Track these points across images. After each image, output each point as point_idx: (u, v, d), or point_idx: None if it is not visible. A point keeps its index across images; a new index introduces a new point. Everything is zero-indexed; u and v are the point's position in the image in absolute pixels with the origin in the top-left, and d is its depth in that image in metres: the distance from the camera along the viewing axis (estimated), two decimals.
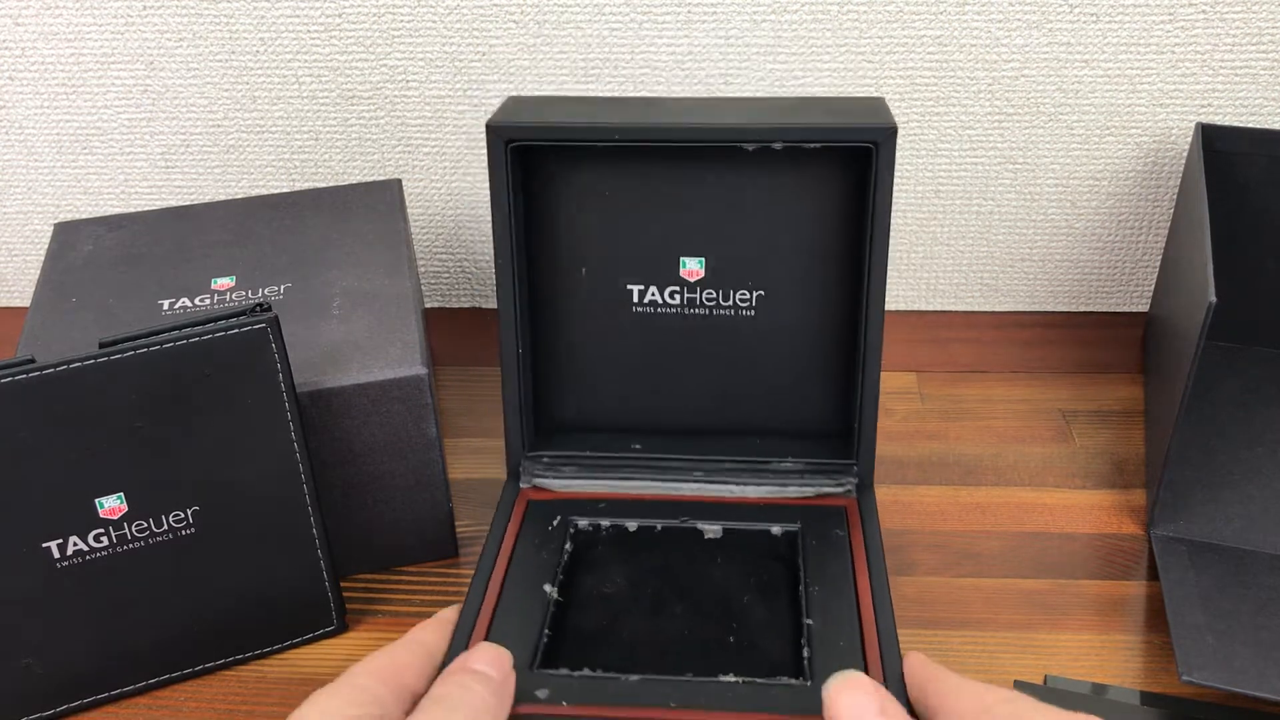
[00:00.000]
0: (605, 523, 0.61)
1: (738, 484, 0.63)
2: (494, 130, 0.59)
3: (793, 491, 0.63)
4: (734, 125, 0.59)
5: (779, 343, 0.65)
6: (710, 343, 0.65)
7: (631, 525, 0.61)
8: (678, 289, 0.64)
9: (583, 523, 0.61)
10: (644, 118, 0.60)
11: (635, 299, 0.65)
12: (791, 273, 0.63)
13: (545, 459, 0.65)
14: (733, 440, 0.66)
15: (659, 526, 0.61)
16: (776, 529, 0.60)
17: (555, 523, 0.60)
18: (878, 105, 0.61)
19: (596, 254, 0.64)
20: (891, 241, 0.86)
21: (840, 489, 0.62)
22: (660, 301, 0.65)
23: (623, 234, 0.64)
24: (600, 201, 0.63)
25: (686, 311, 0.65)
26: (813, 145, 0.59)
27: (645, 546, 0.60)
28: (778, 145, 0.59)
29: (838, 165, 0.61)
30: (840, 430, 0.66)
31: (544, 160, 0.63)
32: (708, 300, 0.64)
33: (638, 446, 0.65)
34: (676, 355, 0.66)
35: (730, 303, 0.64)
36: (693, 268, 0.64)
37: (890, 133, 0.57)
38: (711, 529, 0.61)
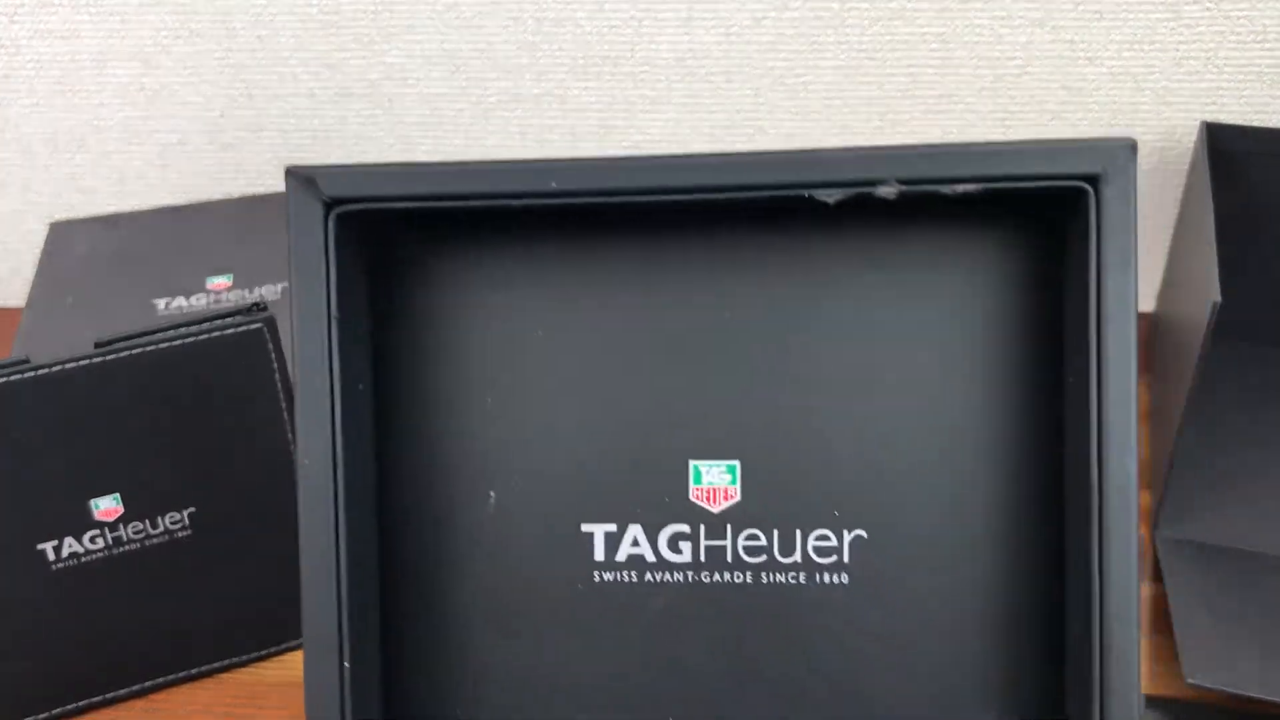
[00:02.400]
0: None
1: None
2: (299, 179, 0.35)
3: None
4: (799, 156, 0.33)
5: (903, 653, 0.36)
6: (757, 648, 0.37)
7: None
8: (686, 530, 0.37)
9: None
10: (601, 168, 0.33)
11: (600, 552, 0.37)
12: (923, 485, 0.36)
13: None
14: None
15: None
16: None
17: None
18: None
19: (518, 459, 0.37)
20: None
21: None
22: (649, 557, 0.37)
23: (570, 415, 0.37)
24: (522, 347, 0.36)
25: (702, 578, 0.37)
26: (966, 189, 0.32)
27: None
28: (889, 191, 0.32)
29: (1011, 235, 0.35)
30: None
31: (405, 255, 0.37)
32: (747, 552, 0.36)
33: None
34: (683, 675, 0.37)
35: (795, 556, 0.36)
36: (714, 481, 0.36)
37: (1125, 153, 0.32)
38: None
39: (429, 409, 0.38)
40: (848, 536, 0.36)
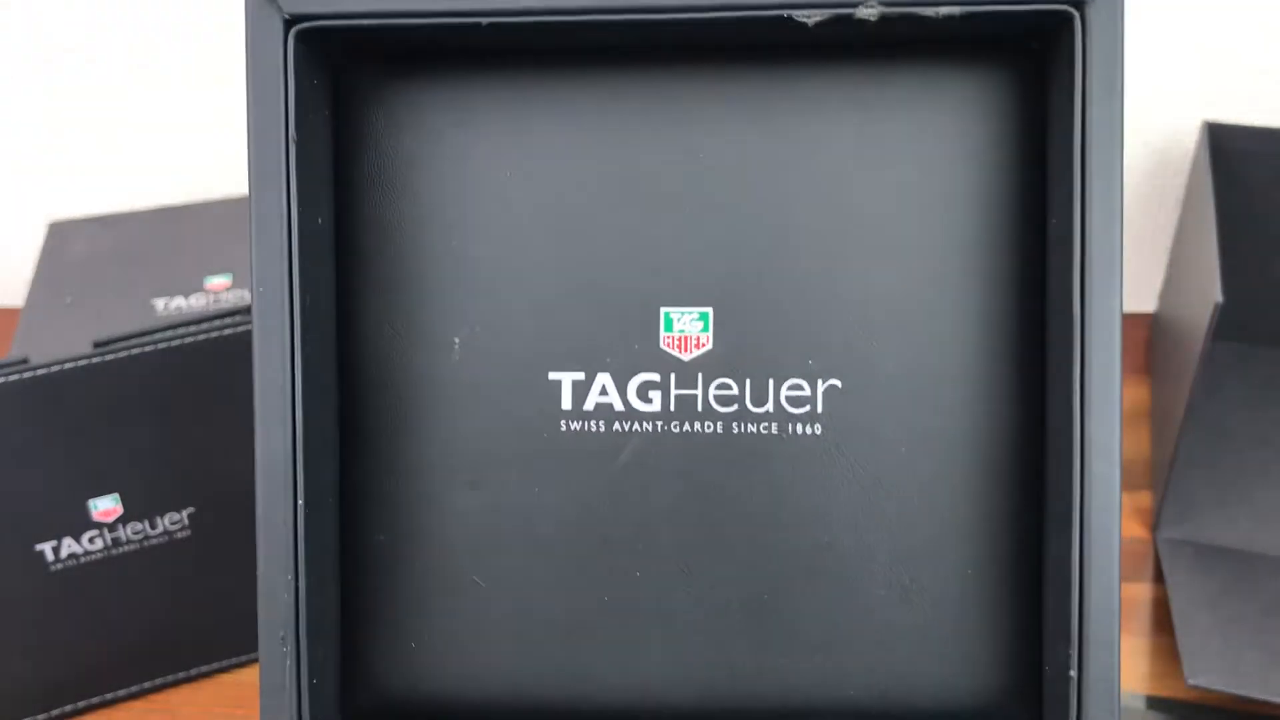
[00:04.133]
0: None
1: None
2: None
3: None
4: None
5: (876, 505, 0.36)
6: (727, 500, 0.36)
7: None
8: (656, 379, 0.35)
9: None
10: None
11: (567, 401, 0.36)
12: (900, 333, 0.35)
13: None
14: None
15: None
16: None
17: None
18: None
19: (484, 304, 0.36)
20: None
21: None
22: (618, 406, 0.36)
23: (538, 260, 0.36)
24: (490, 188, 0.35)
25: (672, 428, 0.36)
26: (949, 11, 0.31)
27: None
28: (871, 11, 0.31)
29: (994, 74, 0.33)
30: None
31: (370, 86, 0.35)
32: (719, 401, 0.35)
33: None
34: (651, 526, 0.36)
35: (768, 406, 0.35)
36: (686, 329, 0.35)
37: None
38: None
39: (392, 249, 0.36)
40: (821, 386, 0.36)
